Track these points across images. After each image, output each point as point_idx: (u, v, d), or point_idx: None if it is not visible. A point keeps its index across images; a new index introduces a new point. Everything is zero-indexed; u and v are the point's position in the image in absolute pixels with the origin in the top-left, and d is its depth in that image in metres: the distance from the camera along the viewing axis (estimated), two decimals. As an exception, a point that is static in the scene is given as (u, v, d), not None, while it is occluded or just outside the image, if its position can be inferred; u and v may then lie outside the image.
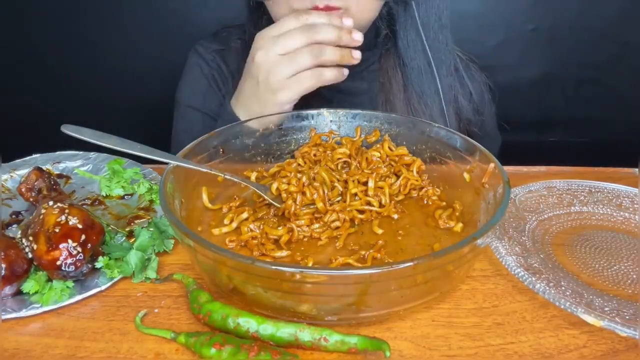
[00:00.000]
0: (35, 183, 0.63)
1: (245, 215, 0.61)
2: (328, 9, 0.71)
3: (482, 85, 0.94)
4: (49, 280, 0.52)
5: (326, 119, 0.74)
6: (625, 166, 0.76)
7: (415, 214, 0.64)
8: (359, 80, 0.87)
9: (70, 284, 0.52)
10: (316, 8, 0.71)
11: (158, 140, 0.88)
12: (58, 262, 0.51)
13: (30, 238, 0.53)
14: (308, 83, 0.69)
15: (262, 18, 0.86)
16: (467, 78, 0.92)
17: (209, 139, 0.65)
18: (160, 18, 1.26)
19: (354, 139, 0.71)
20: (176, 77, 1.00)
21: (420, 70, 0.85)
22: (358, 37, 0.68)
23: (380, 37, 0.86)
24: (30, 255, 0.52)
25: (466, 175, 0.64)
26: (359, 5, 0.75)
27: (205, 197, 0.63)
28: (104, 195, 0.69)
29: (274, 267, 0.43)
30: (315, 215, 0.61)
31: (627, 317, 0.47)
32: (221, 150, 0.66)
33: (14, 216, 0.65)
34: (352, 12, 0.74)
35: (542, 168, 0.78)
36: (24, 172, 0.70)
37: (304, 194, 0.61)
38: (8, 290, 0.50)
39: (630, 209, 0.66)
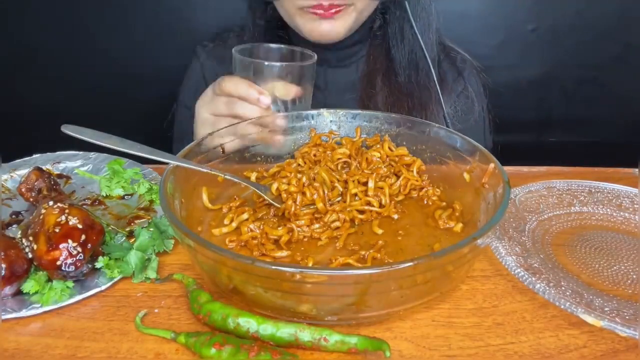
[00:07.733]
0: (35, 183, 0.63)
1: (245, 215, 0.61)
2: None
3: (476, 94, 0.94)
4: (49, 280, 0.52)
5: (326, 119, 0.74)
6: (625, 166, 0.76)
7: (415, 214, 0.64)
8: (347, 60, 0.90)
9: (70, 284, 0.52)
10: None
11: (158, 140, 0.89)
12: (58, 262, 0.51)
13: (30, 238, 0.53)
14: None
15: (264, 14, 0.88)
16: (461, 80, 0.92)
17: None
18: (160, 18, 1.26)
19: (354, 139, 0.71)
20: (176, 78, 1.00)
21: (406, 60, 0.88)
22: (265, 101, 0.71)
23: (375, 27, 0.89)
24: (30, 255, 0.52)
25: (466, 175, 0.64)
26: (363, 2, 0.76)
27: (205, 197, 0.63)
28: (104, 195, 0.69)
29: (274, 267, 0.43)
30: (315, 215, 0.61)
31: (627, 317, 0.47)
32: (221, 150, 0.67)
33: (14, 216, 0.65)
34: (357, 9, 0.76)
35: (542, 168, 0.78)
36: (24, 172, 0.70)
37: (304, 194, 0.61)
38: (8, 290, 0.50)
39: (630, 209, 0.66)
